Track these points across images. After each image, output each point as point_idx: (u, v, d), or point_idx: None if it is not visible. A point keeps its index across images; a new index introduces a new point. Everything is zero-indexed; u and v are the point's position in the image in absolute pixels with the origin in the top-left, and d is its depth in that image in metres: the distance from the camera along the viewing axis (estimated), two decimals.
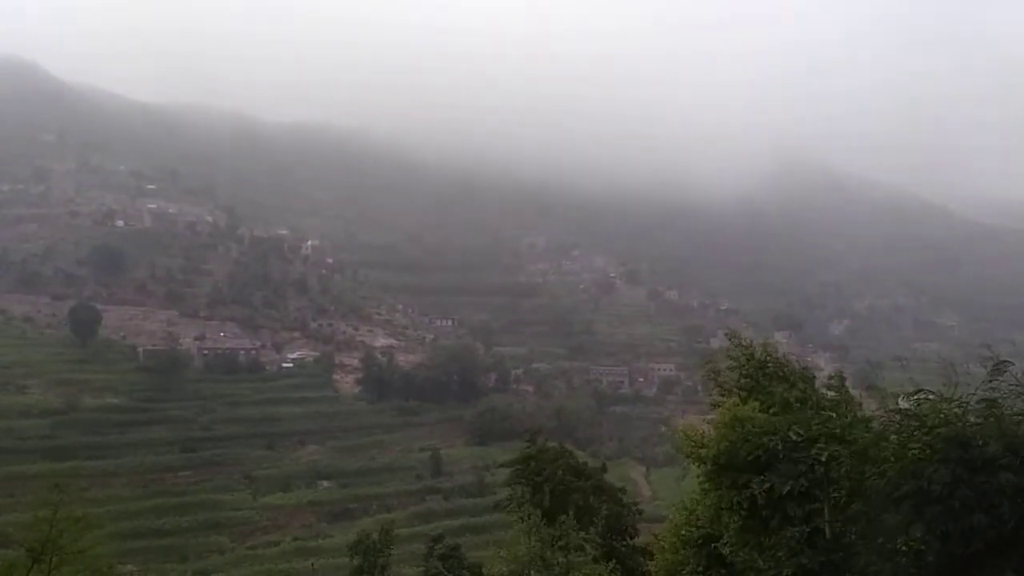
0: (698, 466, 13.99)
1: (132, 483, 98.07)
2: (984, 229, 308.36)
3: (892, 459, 10.23)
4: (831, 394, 14.55)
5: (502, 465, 41.56)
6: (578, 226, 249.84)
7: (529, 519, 16.13)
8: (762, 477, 12.41)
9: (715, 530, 14.49)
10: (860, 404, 14.01)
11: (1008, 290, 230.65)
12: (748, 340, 15.90)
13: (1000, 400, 10.16)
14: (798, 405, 13.78)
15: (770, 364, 15.19)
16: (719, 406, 14.41)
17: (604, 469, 38.00)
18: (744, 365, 15.31)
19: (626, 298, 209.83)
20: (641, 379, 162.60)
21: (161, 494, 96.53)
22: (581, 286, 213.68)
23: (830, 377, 15.17)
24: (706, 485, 14.41)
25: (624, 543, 29.90)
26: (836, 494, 11.79)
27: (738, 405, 14.02)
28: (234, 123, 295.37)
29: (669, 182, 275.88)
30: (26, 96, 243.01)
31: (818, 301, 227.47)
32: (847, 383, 14.98)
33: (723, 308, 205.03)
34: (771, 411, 13.59)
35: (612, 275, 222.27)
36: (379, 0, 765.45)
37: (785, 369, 15.13)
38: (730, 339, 15.95)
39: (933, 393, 10.71)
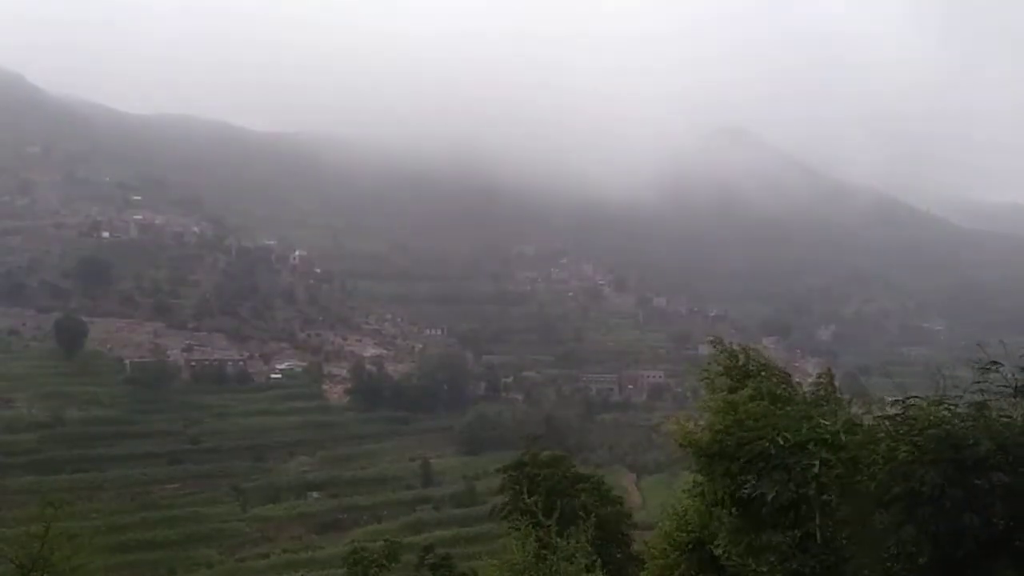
0: (691, 454, 14.00)
1: (119, 496, 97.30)
2: (968, 234, 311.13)
3: (881, 462, 10.27)
4: (820, 392, 14.60)
5: (498, 470, 41.51)
6: (566, 234, 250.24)
7: (526, 526, 16.06)
8: (754, 483, 12.44)
9: (706, 535, 14.52)
10: (849, 402, 14.09)
11: (993, 294, 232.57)
12: (731, 344, 16.03)
13: (989, 401, 10.22)
14: (783, 396, 13.84)
15: (752, 367, 15.31)
16: (707, 408, 14.48)
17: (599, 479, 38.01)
18: (730, 369, 15.42)
19: (615, 305, 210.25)
20: (630, 386, 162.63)
21: (149, 507, 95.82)
22: (570, 294, 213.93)
23: (819, 375, 15.23)
24: (699, 478, 14.45)
25: (619, 551, 29.88)
26: (827, 498, 11.83)
27: (728, 393, 14.12)
28: (220, 133, 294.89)
29: (657, 189, 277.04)
30: (11, 107, 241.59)
31: (805, 306, 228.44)
32: (835, 381, 15.08)
33: (711, 314, 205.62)
34: (761, 402, 13.64)
35: (601, 283, 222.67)
36: (364, 9, 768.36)
37: (766, 371, 15.23)
38: (714, 345, 16.09)
39: (921, 398, 10.76)
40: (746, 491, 12.25)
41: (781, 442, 12.16)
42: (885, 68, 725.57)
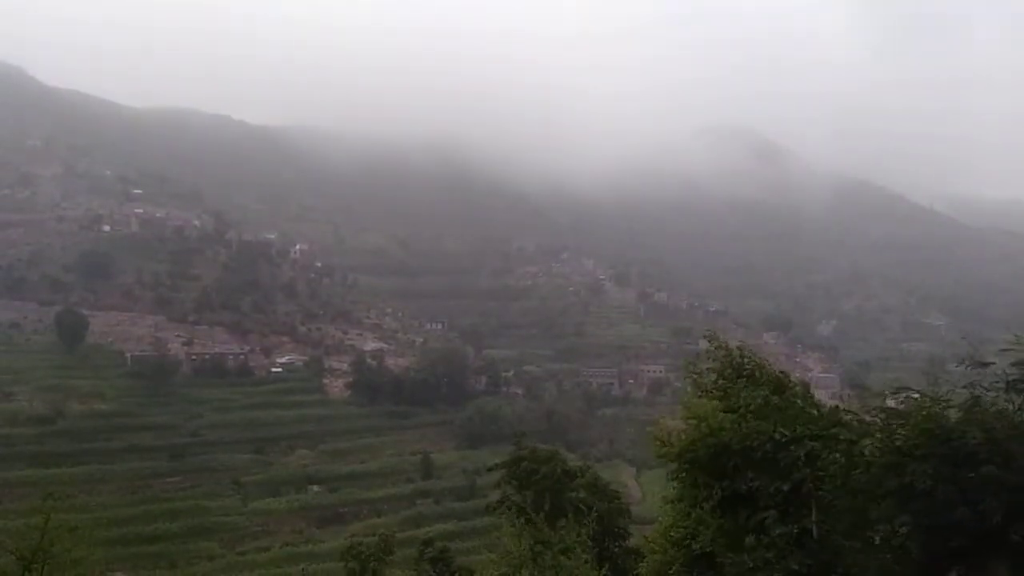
0: (668, 463, 14.03)
1: (120, 490, 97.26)
2: (970, 231, 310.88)
3: (877, 455, 10.27)
4: (798, 402, 14.35)
5: (491, 468, 41.58)
6: (567, 229, 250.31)
7: (520, 521, 16.06)
8: (751, 475, 12.45)
9: (696, 530, 14.53)
10: (835, 407, 14.03)
11: (994, 290, 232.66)
12: (725, 342, 15.80)
13: (981, 396, 10.20)
14: (757, 408, 13.62)
15: (747, 367, 15.06)
16: (687, 407, 14.44)
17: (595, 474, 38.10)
18: (723, 368, 15.24)
19: (615, 300, 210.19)
20: (631, 381, 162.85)
21: (149, 500, 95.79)
22: (570, 288, 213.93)
23: (794, 385, 15.01)
24: (675, 483, 14.48)
25: (617, 544, 29.93)
26: (824, 492, 11.83)
27: (701, 401, 14.06)
28: (221, 127, 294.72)
29: (658, 183, 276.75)
30: (12, 101, 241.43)
31: (806, 302, 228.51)
32: (826, 386, 15.15)
33: (712, 309, 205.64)
34: (735, 413, 13.52)
35: (601, 277, 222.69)
36: (365, 4, 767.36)
37: (759, 372, 14.95)
38: (709, 340, 15.88)
39: (916, 391, 10.75)
40: (740, 486, 12.28)
41: (778, 437, 12.17)
42: (871, 66, 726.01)
